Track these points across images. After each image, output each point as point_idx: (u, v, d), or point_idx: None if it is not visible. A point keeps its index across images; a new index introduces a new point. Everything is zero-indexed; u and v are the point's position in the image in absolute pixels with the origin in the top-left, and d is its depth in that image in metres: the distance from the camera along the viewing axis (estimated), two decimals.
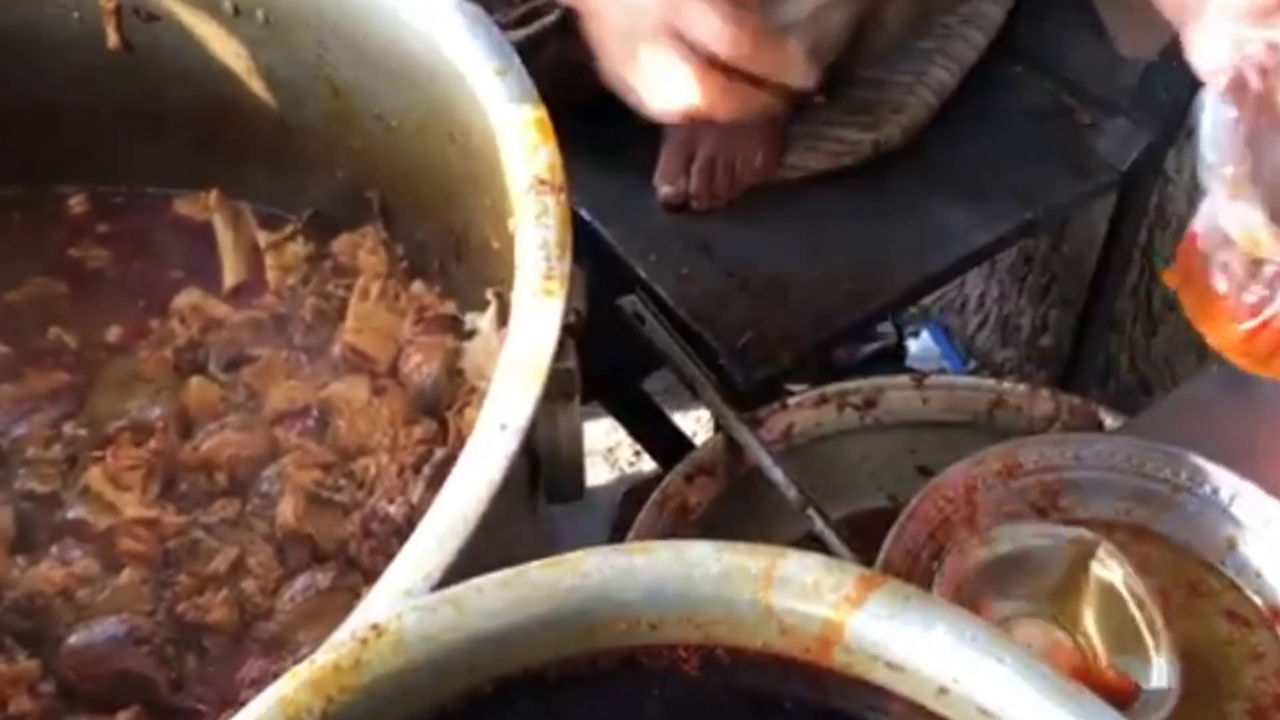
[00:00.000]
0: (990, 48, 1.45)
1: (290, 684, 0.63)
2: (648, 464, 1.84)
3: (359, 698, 0.64)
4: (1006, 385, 1.21)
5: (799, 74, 1.25)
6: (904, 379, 1.23)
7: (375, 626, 0.65)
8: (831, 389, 1.22)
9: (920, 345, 2.02)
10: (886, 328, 1.98)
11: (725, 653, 0.69)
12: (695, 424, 1.83)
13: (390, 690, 0.64)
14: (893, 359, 1.99)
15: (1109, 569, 0.97)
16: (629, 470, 1.90)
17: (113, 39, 1.28)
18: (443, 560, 0.71)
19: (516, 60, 1.04)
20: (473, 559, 0.75)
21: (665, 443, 1.42)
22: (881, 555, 0.98)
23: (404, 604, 0.68)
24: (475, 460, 0.77)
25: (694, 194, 1.29)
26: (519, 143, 0.97)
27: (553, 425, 0.89)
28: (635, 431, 1.46)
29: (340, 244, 1.28)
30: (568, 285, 0.88)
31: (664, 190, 1.29)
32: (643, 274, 1.26)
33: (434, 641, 0.66)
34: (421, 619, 0.66)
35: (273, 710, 0.62)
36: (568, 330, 0.88)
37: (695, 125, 1.27)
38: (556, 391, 0.87)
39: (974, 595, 0.97)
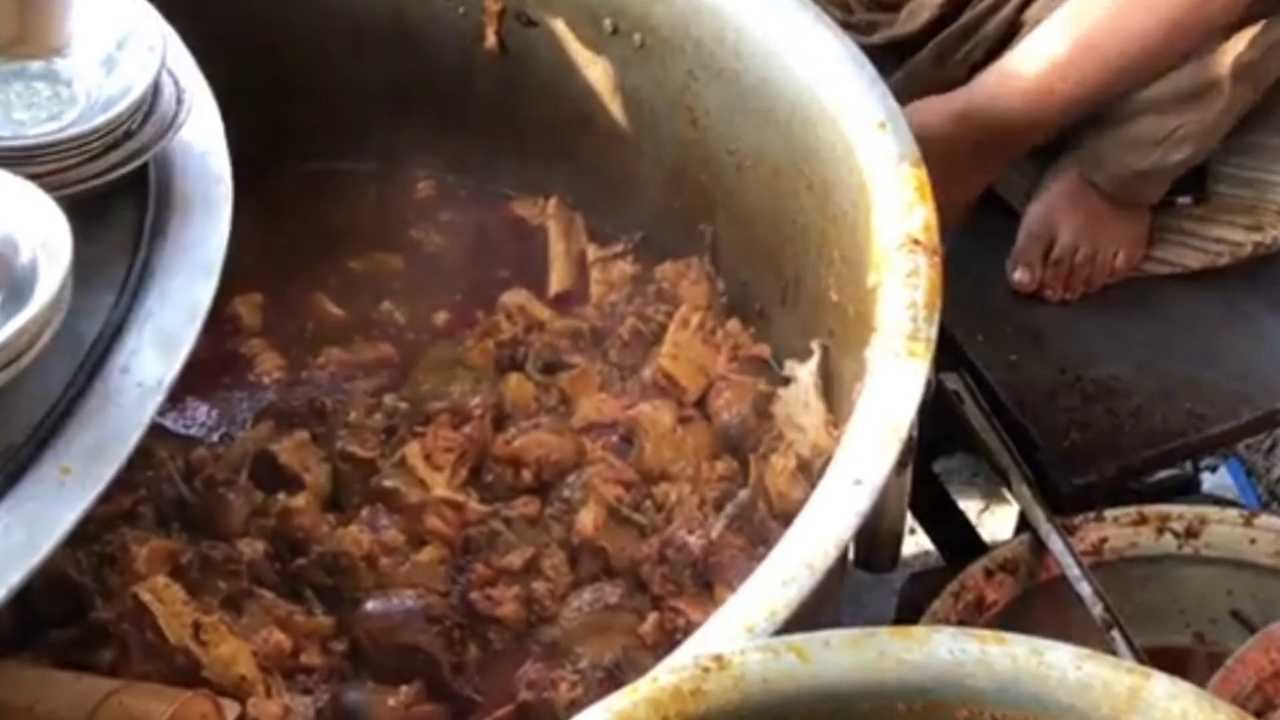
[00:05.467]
0: None
1: (629, 699, 0.62)
2: (907, 547, 1.77)
3: None
4: None
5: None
6: (1232, 513, 1.16)
7: (718, 658, 0.63)
8: (1152, 509, 1.15)
9: (1215, 481, 1.89)
10: None
11: None
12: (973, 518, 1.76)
13: None
14: (1184, 491, 1.86)
15: None
16: None
17: (491, 40, 1.33)
18: (788, 604, 0.69)
19: (900, 115, 1.02)
20: (805, 611, 0.72)
21: (950, 532, 1.36)
22: None
23: (746, 640, 0.66)
24: (825, 510, 0.75)
25: (1049, 285, 1.23)
26: (895, 200, 0.95)
27: (884, 491, 0.86)
28: (921, 515, 1.41)
29: (665, 270, 1.28)
30: (932, 349, 0.85)
31: (1018, 276, 1.24)
32: (969, 353, 1.22)
33: (773, 686, 0.63)
34: (765, 660, 0.64)
35: None
36: None
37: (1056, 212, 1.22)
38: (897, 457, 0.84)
39: None
